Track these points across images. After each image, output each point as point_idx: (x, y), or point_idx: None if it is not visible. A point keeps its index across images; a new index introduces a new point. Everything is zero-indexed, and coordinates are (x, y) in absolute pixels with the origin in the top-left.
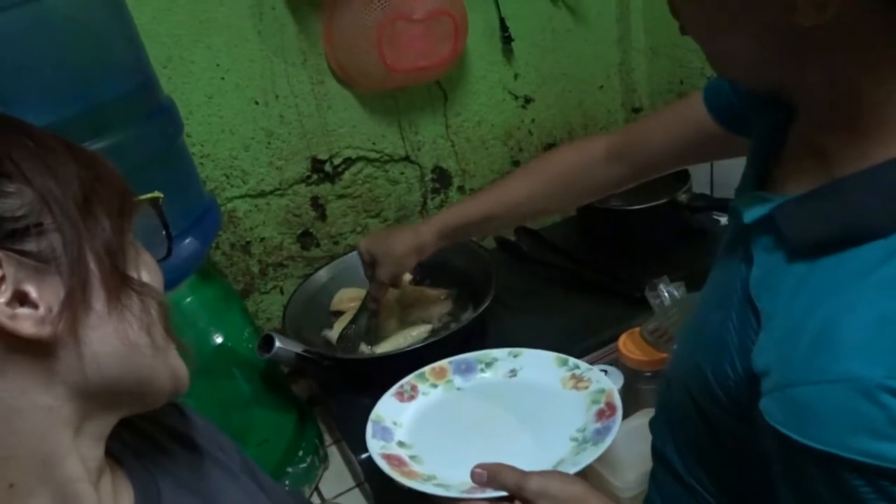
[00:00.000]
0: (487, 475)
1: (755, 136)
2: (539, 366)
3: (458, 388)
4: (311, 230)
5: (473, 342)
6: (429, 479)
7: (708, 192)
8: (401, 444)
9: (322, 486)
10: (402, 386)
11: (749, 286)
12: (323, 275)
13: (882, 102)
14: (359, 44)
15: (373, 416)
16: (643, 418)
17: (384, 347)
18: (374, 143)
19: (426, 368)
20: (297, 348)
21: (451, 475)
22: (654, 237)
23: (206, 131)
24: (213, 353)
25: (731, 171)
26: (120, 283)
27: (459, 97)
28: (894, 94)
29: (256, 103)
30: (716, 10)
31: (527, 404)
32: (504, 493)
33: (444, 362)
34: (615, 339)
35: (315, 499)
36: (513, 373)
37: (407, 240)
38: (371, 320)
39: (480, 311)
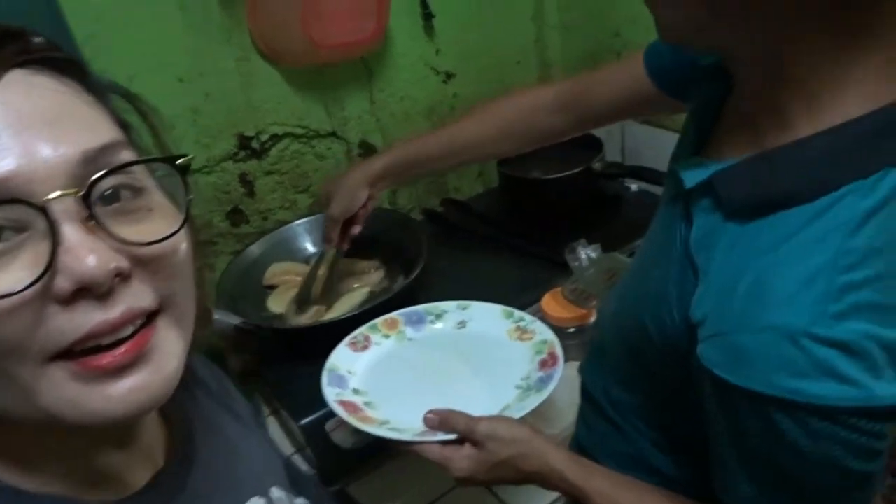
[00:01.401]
0: (439, 420)
1: (695, 106)
2: (486, 318)
3: (410, 339)
4: (240, 207)
5: (405, 306)
6: (383, 423)
7: (619, 160)
8: (355, 391)
9: None
10: (355, 337)
11: (689, 244)
12: (254, 250)
13: (810, 83)
14: (284, 20)
15: (328, 365)
16: (567, 370)
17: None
18: (300, 119)
19: (378, 320)
20: (234, 320)
21: (405, 420)
22: (572, 204)
23: (130, 111)
24: None
25: (641, 141)
26: None
27: (383, 73)
28: (824, 76)
29: (181, 81)
30: None
31: (475, 354)
32: (454, 436)
33: (395, 314)
34: (539, 299)
35: None
36: (462, 324)
37: (357, 173)
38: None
39: (412, 278)
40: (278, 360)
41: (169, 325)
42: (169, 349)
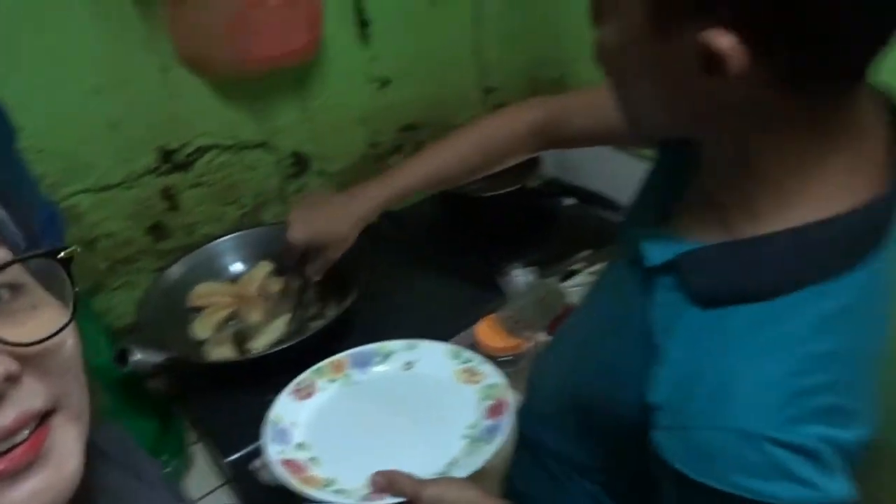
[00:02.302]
0: (386, 482)
1: (660, 168)
2: (433, 358)
3: (356, 383)
4: (162, 221)
5: (339, 332)
6: (328, 484)
7: (554, 176)
8: (299, 446)
9: (187, 486)
10: (299, 384)
11: (650, 322)
12: (178, 269)
13: (778, 177)
14: (211, 31)
15: (271, 417)
16: None
17: (255, 344)
18: (228, 130)
19: (325, 363)
20: (156, 358)
21: (351, 479)
22: (507, 222)
23: (42, 124)
24: None
25: (577, 158)
26: None
27: (316, 81)
28: (791, 172)
29: (98, 92)
30: (635, 73)
31: (421, 398)
32: (402, 500)
33: (342, 356)
34: (474, 323)
35: None
36: (409, 365)
37: (350, 216)
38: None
39: (345, 307)
40: (204, 390)
41: (65, 422)
42: (67, 448)
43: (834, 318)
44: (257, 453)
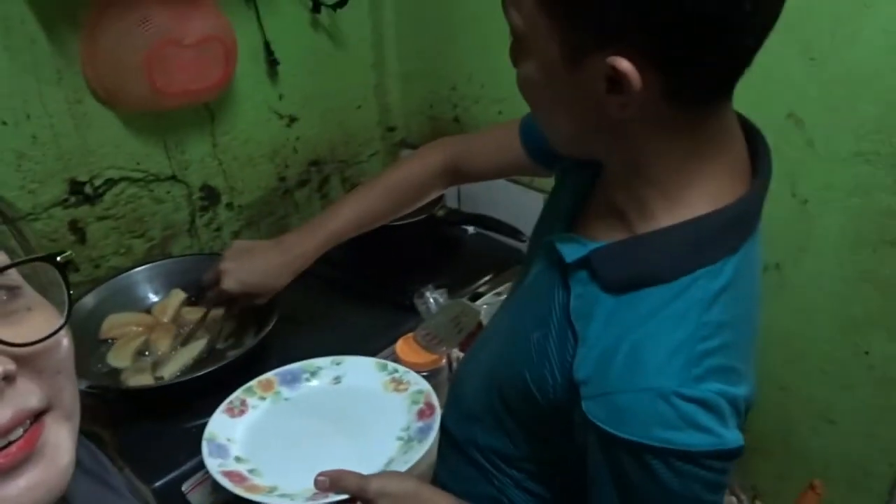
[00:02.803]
0: (330, 481)
1: (566, 184)
2: (361, 372)
3: (286, 399)
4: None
5: (258, 357)
6: (271, 490)
7: (457, 206)
8: (238, 459)
9: None
10: (231, 402)
11: (569, 311)
12: (88, 301)
13: (665, 180)
14: (125, 66)
15: (206, 434)
16: None
17: (167, 370)
18: (138, 163)
19: (254, 382)
20: (79, 385)
21: (292, 484)
22: (417, 249)
23: None
24: None
25: (474, 190)
26: None
27: (227, 116)
28: (675, 174)
29: (4, 124)
30: (549, 101)
31: (354, 409)
32: (346, 497)
33: (270, 374)
34: (392, 343)
35: None
36: (337, 380)
37: (286, 269)
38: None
39: (264, 334)
40: (124, 420)
41: (58, 419)
42: (60, 443)
43: (722, 293)
44: (186, 476)
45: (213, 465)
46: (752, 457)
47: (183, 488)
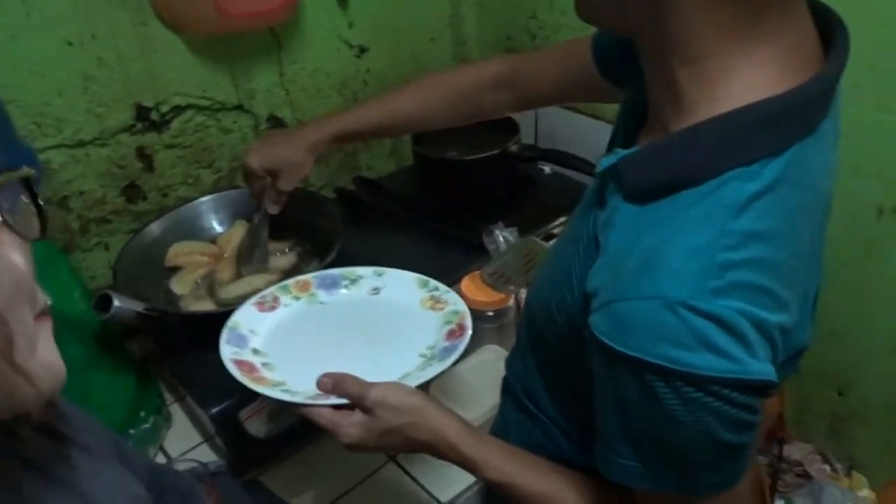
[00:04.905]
0: (332, 383)
1: (626, 103)
2: (401, 285)
3: (321, 303)
4: (137, 182)
5: None
6: (277, 385)
7: (533, 142)
8: (255, 351)
9: (167, 446)
10: (263, 296)
11: (596, 224)
12: (154, 229)
13: (703, 61)
14: None
15: (229, 322)
16: (486, 354)
17: (228, 298)
18: (204, 91)
19: (290, 281)
20: (137, 306)
21: (300, 383)
22: (488, 186)
23: (11, 74)
24: None
25: (553, 125)
26: None
27: (294, 45)
28: (714, 55)
29: (70, 44)
30: None
31: (384, 321)
32: (346, 401)
33: (308, 276)
34: (457, 283)
35: (161, 458)
36: (375, 290)
37: (300, 144)
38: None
39: (327, 262)
40: (183, 347)
41: None
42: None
43: (756, 199)
44: (242, 405)
45: (227, 351)
46: (851, 424)
47: (240, 416)
